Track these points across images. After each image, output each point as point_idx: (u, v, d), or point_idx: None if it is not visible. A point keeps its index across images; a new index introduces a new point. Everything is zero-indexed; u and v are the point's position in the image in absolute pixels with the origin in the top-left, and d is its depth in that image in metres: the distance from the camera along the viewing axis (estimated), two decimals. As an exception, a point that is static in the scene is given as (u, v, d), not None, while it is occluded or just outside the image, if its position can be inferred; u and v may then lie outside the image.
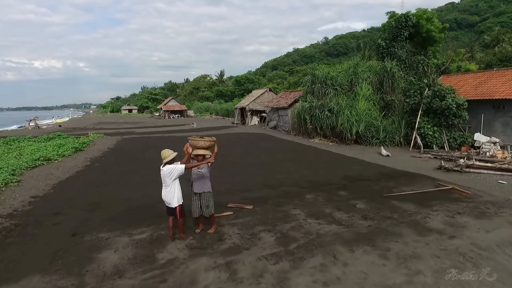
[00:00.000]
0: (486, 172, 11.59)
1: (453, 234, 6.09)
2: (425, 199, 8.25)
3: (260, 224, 6.57)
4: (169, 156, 5.64)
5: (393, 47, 23.02)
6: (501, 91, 15.90)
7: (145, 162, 13.41)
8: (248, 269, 4.80)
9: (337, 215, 7.11)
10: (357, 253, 5.33)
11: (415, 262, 5.05)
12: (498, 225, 6.50)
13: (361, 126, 18.44)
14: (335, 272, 4.76)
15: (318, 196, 8.52)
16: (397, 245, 5.62)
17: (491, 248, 5.53)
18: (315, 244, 5.63)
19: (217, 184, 9.74)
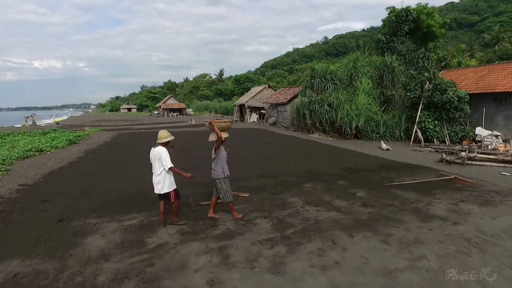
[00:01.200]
0: (489, 164, 11.34)
1: (457, 220, 5.83)
2: (427, 188, 8.00)
3: (256, 210, 6.31)
4: (165, 138, 5.41)
5: (393, 42, 22.78)
6: (502, 84, 15.66)
7: (139, 154, 13.17)
8: (241, 253, 4.54)
9: (337, 202, 6.85)
10: (357, 238, 5.07)
11: (418, 247, 4.79)
12: (504, 212, 6.24)
13: (361, 120, 18.19)
14: (334, 256, 4.50)
15: (317, 185, 8.26)
16: (399, 230, 5.36)
17: (497, 234, 5.27)
18: (313, 229, 5.37)
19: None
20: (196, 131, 24.16)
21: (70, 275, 3.94)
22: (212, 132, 5.65)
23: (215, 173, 5.76)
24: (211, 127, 5.60)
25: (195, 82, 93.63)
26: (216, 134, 5.54)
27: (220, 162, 5.73)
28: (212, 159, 5.81)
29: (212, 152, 5.79)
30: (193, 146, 16.09)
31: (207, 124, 5.68)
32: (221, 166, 5.73)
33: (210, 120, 5.64)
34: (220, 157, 5.74)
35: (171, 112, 55.53)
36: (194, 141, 17.59)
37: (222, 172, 5.74)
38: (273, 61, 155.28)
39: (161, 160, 5.24)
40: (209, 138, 5.72)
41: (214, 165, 5.76)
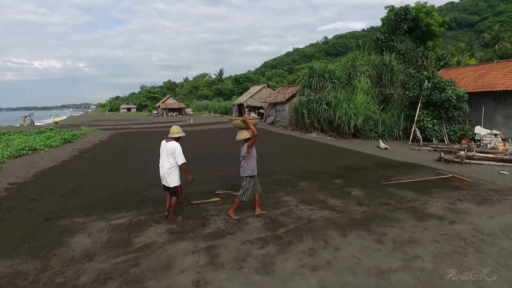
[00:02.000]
0: (487, 163, 11.20)
1: (453, 219, 5.69)
2: (425, 187, 7.87)
3: (248, 209, 6.17)
4: (178, 133, 5.58)
5: (392, 40, 22.63)
6: (502, 82, 15.52)
7: (134, 152, 13.09)
8: (230, 253, 4.41)
9: (331, 201, 6.72)
10: (350, 237, 4.93)
11: (413, 247, 4.65)
12: (502, 211, 6.11)
13: (359, 119, 18.06)
14: (326, 256, 4.36)
15: (312, 184, 8.13)
16: (393, 230, 5.22)
17: (494, 234, 5.14)
18: (305, 229, 5.24)
19: (209, 173, 9.41)
20: (193, 131, 24.03)
21: (51, 276, 3.81)
22: (241, 130, 5.56)
23: (245, 171, 5.67)
24: (242, 125, 5.50)
25: (194, 82, 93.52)
26: (252, 131, 5.45)
27: (252, 160, 5.66)
28: (241, 157, 5.70)
29: (243, 150, 5.67)
30: (191, 145, 15.96)
31: (238, 122, 5.55)
32: (252, 164, 5.68)
33: (244, 117, 5.54)
34: (252, 155, 5.67)
35: (170, 112, 55.41)
36: (192, 141, 17.46)
37: (252, 171, 5.68)
38: (273, 61, 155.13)
39: (175, 154, 5.40)
40: (238, 136, 5.58)
41: (245, 163, 5.65)
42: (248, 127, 5.48)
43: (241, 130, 5.58)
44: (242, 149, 5.69)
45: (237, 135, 5.62)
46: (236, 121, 5.62)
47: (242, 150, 5.69)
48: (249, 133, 5.51)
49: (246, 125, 5.48)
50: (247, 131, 5.53)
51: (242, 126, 5.54)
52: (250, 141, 5.52)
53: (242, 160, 5.69)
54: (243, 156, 5.66)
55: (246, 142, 5.61)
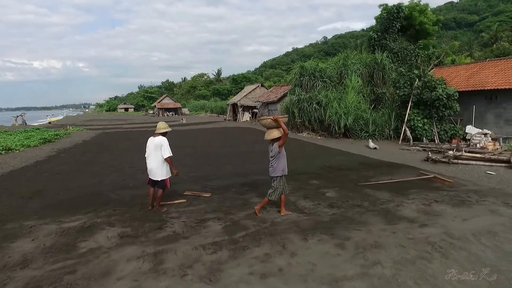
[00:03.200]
0: (475, 163, 10.93)
1: (425, 222, 5.42)
2: (403, 188, 7.59)
3: (212, 212, 5.91)
4: (164, 129, 5.94)
5: (384, 39, 22.35)
6: (493, 81, 15.24)
7: (115, 152, 12.84)
8: (178, 259, 4.13)
9: (302, 203, 6.44)
10: (311, 242, 4.66)
11: (376, 252, 4.38)
12: (478, 213, 5.83)
13: (349, 119, 17.77)
14: (279, 263, 4.09)
15: (288, 185, 7.82)
16: (359, 233, 4.94)
17: (465, 237, 4.86)
18: (266, 232, 4.96)
19: (183, 173, 9.12)
20: (184, 130, 23.77)
21: (-25, 284, 3.54)
22: (270, 129, 5.46)
23: (275, 171, 5.56)
24: (273, 124, 5.38)
25: (192, 82, 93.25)
26: (283, 130, 5.33)
27: (282, 159, 5.55)
28: (271, 157, 5.59)
29: (272, 149, 5.55)
30: (172, 143, 15.71)
31: (269, 121, 5.42)
32: (283, 163, 5.57)
33: (276, 116, 5.40)
34: (282, 155, 5.55)
35: (166, 111, 55.14)
36: (185, 140, 17.20)
37: (282, 170, 5.58)
38: (272, 61, 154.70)
39: (163, 147, 5.73)
40: (267, 135, 5.49)
41: (275, 163, 5.54)
42: (279, 126, 5.37)
43: (270, 130, 5.48)
44: (271, 149, 5.58)
45: (266, 135, 5.55)
46: (266, 120, 5.49)
47: (271, 150, 5.57)
48: (279, 132, 5.41)
49: (277, 124, 5.37)
50: (277, 130, 5.42)
51: (272, 125, 5.43)
52: (281, 140, 5.41)
53: (272, 159, 5.57)
54: (273, 156, 5.56)
55: (274, 142, 5.51)
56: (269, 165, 5.66)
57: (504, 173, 9.75)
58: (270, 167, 5.63)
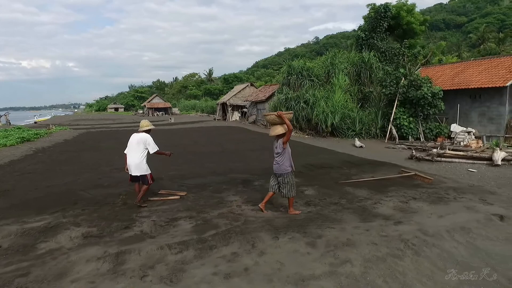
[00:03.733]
0: (458, 161, 10.98)
1: (400, 220, 5.34)
2: (383, 186, 7.54)
3: (185, 210, 5.75)
4: (147, 126, 6.02)
5: (372, 38, 22.38)
6: (477, 80, 15.37)
7: (95, 151, 12.57)
8: (140, 259, 3.97)
9: (279, 201, 6.32)
10: (282, 240, 4.53)
11: (347, 250, 4.27)
12: (454, 210, 5.78)
13: (336, 117, 17.75)
14: (246, 262, 3.96)
15: (267, 183, 7.71)
16: (332, 231, 4.84)
17: (439, 234, 4.79)
18: (236, 231, 4.82)
19: (159, 172, 8.93)
20: (170, 130, 23.50)
21: None
22: (275, 125, 5.41)
23: (282, 167, 5.47)
24: (277, 120, 5.33)
25: (184, 82, 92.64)
26: (287, 126, 5.28)
27: (287, 156, 5.50)
28: (276, 153, 5.52)
29: (277, 146, 5.50)
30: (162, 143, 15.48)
31: (273, 117, 5.36)
32: (289, 160, 5.52)
33: (279, 112, 5.32)
34: (288, 151, 5.51)
35: (156, 111, 54.59)
36: (170, 139, 16.96)
37: (290, 166, 5.53)
38: (265, 60, 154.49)
39: (147, 144, 5.83)
40: (272, 132, 5.45)
41: (280, 160, 5.47)
42: (283, 122, 5.31)
43: (275, 126, 5.43)
44: (276, 145, 5.53)
45: (270, 131, 5.51)
46: (270, 116, 5.43)
47: (276, 147, 5.51)
48: (283, 128, 5.36)
49: (281, 120, 5.30)
50: (281, 126, 5.38)
51: (276, 122, 5.38)
52: (286, 136, 5.36)
53: (277, 156, 5.50)
54: (278, 153, 5.49)
55: (279, 138, 5.45)
56: (274, 162, 5.57)
57: (485, 170, 9.79)
58: (276, 164, 5.55)
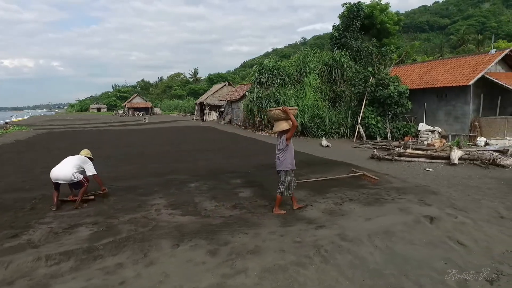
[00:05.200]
0: (417, 160, 10.79)
1: (324, 223, 4.99)
2: (327, 186, 7.21)
3: (95, 215, 5.27)
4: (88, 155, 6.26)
5: (345, 37, 22.25)
6: (442, 79, 15.32)
7: (40, 152, 12.14)
8: (3, 274, 3.49)
9: (205, 204, 5.90)
10: (182, 248, 4.12)
11: (248, 259, 3.88)
12: (386, 212, 5.47)
13: (305, 117, 17.47)
14: (127, 274, 3.52)
15: (205, 185, 7.31)
16: (243, 238, 4.44)
17: (358, 239, 4.45)
18: (137, 238, 4.38)
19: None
20: (138, 129, 22.86)
21: None
22: (279, 121, 5.29)
23: (283, 164, 5.35)
24: (282, 115, 5.21)
25: (168, 82, 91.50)
26: (292, 122, 5.17)
27: (289, 153, 5.38)
28: (279, 149, 5.40)
29: (280, 142, 5.37)
30: (117, 143, 14.90)
31: (278, 112, 5.25)
32: (291, 157, 5.40)
33: (285, 107, 5.23)
34: (290, 148, 5.41)
35: (136, 111, 53.50)
36: (128, 139, 16.38)
37: (291, 164, 5.40)
38: (252, 61, 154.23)
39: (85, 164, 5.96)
40: (276, 127, 5.34)
41: (282, 156, 5.35)
42: (288, 118, 5.19)
43: (279, 121, 5.31)
44: (279, 142, 5.41)
45: (274, 127, 5.40)
46: (275, 111, 5.31)
47: (279, 143, 5.39)
48: (288, 124, 5.24)
49: (286, 115, 5.18)
50: (285, 122, 5.25)
51: (281, 117, 5.25)
52: (290, 132, 5.27)
53: (280, 153, 5.38)
54: (280, 149, 5.37)
55: (282, 134, 5.34)
56: (276, 159, 5.44)
57: (442, 169, 9.61)
58: (277, 160, 5.41)
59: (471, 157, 10.40)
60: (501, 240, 4.78)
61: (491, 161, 9.90)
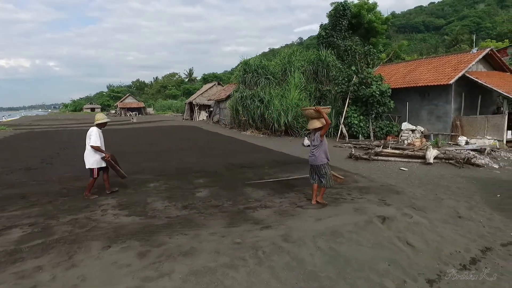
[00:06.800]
0: (393, 160, 10.69)
1: (271, 224, 4.82)
2: (290, 186, 7.07)
3: (36, 216, 5.08)
4: (97, 120, 6.16)
5: (332, 36, 22.12)
6: (425, 78, 15.21)
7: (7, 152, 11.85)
8: None
9: (156, 204, 5.72)
10: (112, 250, 3.93)
11: (178, 261, 3.71)
12: (339, 213, 5.32)
13: (289, 116, 17.32)
14: (41, 278, 3.34)
15: (165, 184, 7.14)
16: (181, 239, 4.27)
17: (301, 240, 4.29)
18: (69, 240, 4.20)
19: (53, 173, 8.24)
20: (122, 129, 22.62)
21: None
22: (313, 119, 5.68)
23: (319, 159, 5.71)
24: (314, 114, 5.61)
25: (163, 82, 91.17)
26: (325, 120, 5.53)
27: (323, 148, 5.73)
28: (313, 146, 5.78)
29: (315, 139, 5.76)
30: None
31: (311, 111, 5.68)
32: (324, 152, 5.74)
33: (317, 107, 5.63)
34: (324, 143, 5.75)
35: (129, 111, 53.09)
36: (111, 139, 16.13)
37: (325, 158, 5.74)
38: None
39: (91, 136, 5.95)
40: (310, 125, 5.74)
41: (317, 152, 5.71)
42: (320, 116, 5.56)
43: (313, 120, 5.70)
44: (313, 138, 5.80)
45: (308, 124, 5.80)
46: (308, 110, 5.75)
47: (314, 140, 5.79)
48: (320, 122, 5.61)
49: (318, 115, 5.56)
50: (318, 121, 5.63)
51: (314, 116, 5.65)
52: (323, 129, 5.64)
53: (314, 148, 5.77)
54: (315, 145, 5.75)
55: (316, 131, 5.71)
56: (310, 154, 5.81)
57: (416, 169, 9.50)
58: (311, 156, 5.78)
59: (446, 156, 10.30)
60: (453, 240, 4.66)
61: (466, 160, 9.80)
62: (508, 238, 4.71)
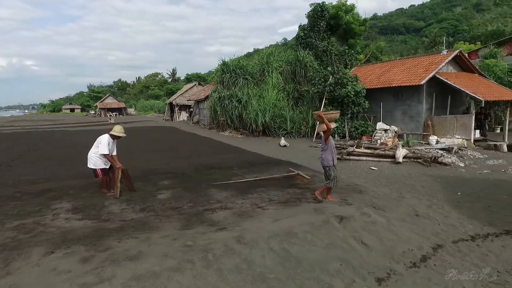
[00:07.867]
0: (365, 159, 10.82)
1: (227, 226, 4.76)
2: (255, 186, 7.02)
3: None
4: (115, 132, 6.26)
5: (310, 37, 22.28)
6: (398, 79, 15.50)
7: None
8: None
9: (112, 207, 5.55)
10: (53, 256, 3.77)
11: (122, 266, 3.59)
12: (298, 213, 5.30)
13: (266, 116, 17.32)
14: (-31, 288, 3.16)
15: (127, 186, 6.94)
16: (130, 243, 4.14)
17: (254, 241, 4.24)
18: (10, 246, 4.00)
19: (10, 177, 7.91)
20: (92, 130, 22.09)
21: None
22: (320, 123, 5.82)
23: (325, 161, 5.93)
24: (319, 119, 5.83)
25: (146, 82, 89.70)
26: (326, 126, 5.65)
27: (329, 151, 5.89)
28: (321, 148, 6.00)
29: (321, 142, 6.01)
30: (59, 144, 14.21)
31: (316, 116, 5.97)
32: (331, 154, 5.89)
33: (319, 112, 5.73)
34: (330, 146, 5.90)
35: (109, 112, 51.94)
36: (80, 140, 15.70)
37: (331, 160, 5.89)
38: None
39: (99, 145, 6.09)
40: (319, 128, 5.94)
41: (323, 154, 5.94)
42: (323, 121, 5.69)
43: (320, 124, 5.86)
44: (321, 141, 6.05)
45: (317, 127, 5.46)
46: (315, 115, 6.03)
47: (322, 142, 6.04)
48: (323, 127, 5.75)
49: (321, 120, 5.71)
50: (323, 125, 5.74)
51: (320, 120, 5.87)
52: (326, 134, 5.82)
53: (322, 151, 6.00)
54: (322, 148, 5.97)
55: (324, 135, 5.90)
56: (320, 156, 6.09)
57: (386, 168, 9.64)
58: (320, 157, 6.07)
59: (415, 156, 10.50)
60: (408, 238, 4.71)
61: (433, 159, 10.03)
62: (460, 235, 4.80)
